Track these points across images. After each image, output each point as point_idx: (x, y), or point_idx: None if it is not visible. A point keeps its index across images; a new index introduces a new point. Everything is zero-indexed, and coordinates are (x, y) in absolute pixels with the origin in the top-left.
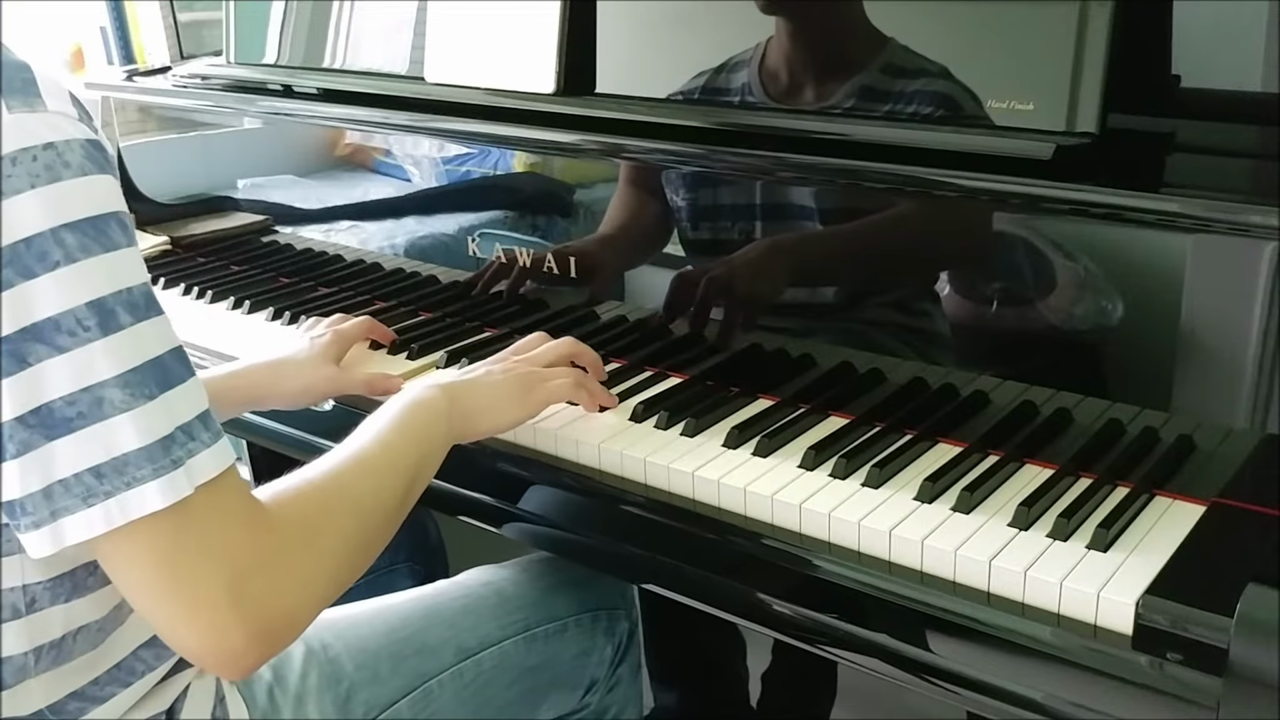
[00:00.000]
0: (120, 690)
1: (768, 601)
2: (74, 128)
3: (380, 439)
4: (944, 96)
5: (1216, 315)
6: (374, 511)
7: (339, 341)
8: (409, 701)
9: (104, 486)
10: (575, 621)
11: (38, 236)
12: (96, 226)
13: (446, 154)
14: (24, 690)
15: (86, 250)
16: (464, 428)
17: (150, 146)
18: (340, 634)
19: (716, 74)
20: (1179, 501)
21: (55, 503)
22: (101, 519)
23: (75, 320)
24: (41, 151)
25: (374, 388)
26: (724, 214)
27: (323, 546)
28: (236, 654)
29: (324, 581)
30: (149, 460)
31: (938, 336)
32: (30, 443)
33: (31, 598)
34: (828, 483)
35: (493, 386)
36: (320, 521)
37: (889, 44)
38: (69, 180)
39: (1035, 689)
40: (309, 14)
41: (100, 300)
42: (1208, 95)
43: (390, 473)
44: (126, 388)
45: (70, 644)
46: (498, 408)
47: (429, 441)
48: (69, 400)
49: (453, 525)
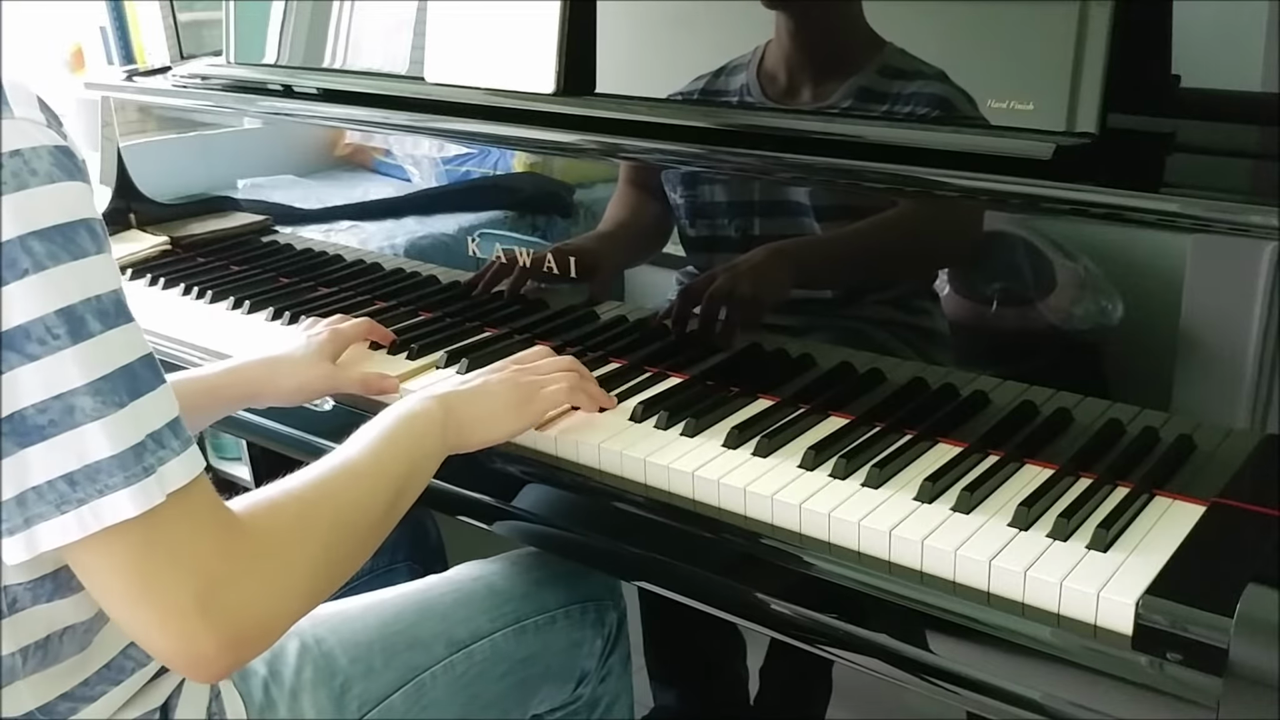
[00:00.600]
0: (111, 689)
1: (768, 601)
2: (41, 134)
3: (370, 448)
4: (940, 98)
5: (1216, 315)
6: (356, 522)
7: (336, 340)
8: (402, 695)
9: (77, 494)
10: (565, 613)
11: (6, 244)
12: (65, 234)
13: (446, 154)
14: (14, 692)
15: (55, 258)
16: (459, 439)
17: (150, 146)
18: (334, 629)
19: (715, 77)
20: (1179, 501)
21: (29, 509)
22: (75, 525)
23: (45, 328)
24: (8, 159)
25: (370, 387)
26: (723, 212)
27: (298, 555)
28: (207, 659)
29: (299, 590)
30: (121, 468)
31: (938, 336)
32: (3, 450)
33: (13, 598)
34: (828, 483)
35: (490, 397)
36: (296, 531)
37: (886, 47)
38: (36, 188)
39: (1035, 689)
40: (309, 14)
41: (70, 308)
42: (1208, 95)
43: (377, 482)
44: (97, 395)
45: (57, 645)
46: (494, 418)
47: (420, 452)
48: (40, 408)
49: (452, 524)
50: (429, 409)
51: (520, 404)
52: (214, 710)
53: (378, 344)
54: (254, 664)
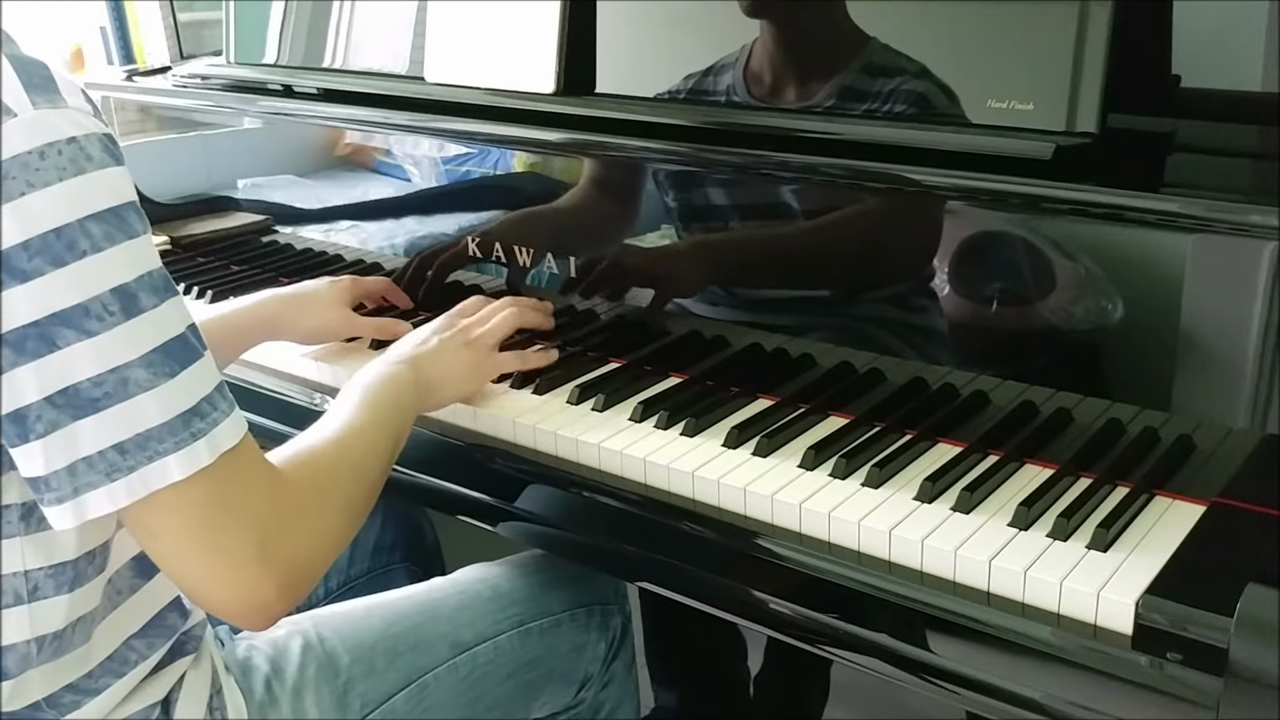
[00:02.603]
0: (114, 681)
1: (767, 601)
2: (91, 123)
3: (365, 409)
4: (920, 94)
5: (1216, 315)
6: (370, 471)
7: (356, 288)
8: (405, 696)
9: (127, 462)
10: (570, 616)
11: (66, 227)
12: (118, 215)
13: (446, 154)
14: (25, 681)
15: (111, 239)
16: (428, 398)
17: (150, 146)
18: (337, 629)
19: (704, 76)
20: (1179, 501)
21: (79, 479)
22: (124, 492)
23: (102, 305)
24: (65, 146)
25: (384, 330)
26: (717, 213)
27: (331, 504)
28: (267, 605)
29: (335, 534)
30: (170, 434)
31: (938, 336)
32: (57, 422)
33: (34, 585)
34: (828, 483)
35: (450, 358)
36: (328, 482)
37: (870, 43)
38: (92, 173)
39: (1035, 689)
40: (309, 14)
41: (123, 286)
42: (1208, 95)
43: (378, 438)
44: (150, 367)
45: (70, 635)
46: (455, 379)
47: (403, 409)
48: (95, 381)
49: (449, 525)
50: (400, 372)
51: (475, 367)
52: (215, 706)
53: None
54: (256, 660)
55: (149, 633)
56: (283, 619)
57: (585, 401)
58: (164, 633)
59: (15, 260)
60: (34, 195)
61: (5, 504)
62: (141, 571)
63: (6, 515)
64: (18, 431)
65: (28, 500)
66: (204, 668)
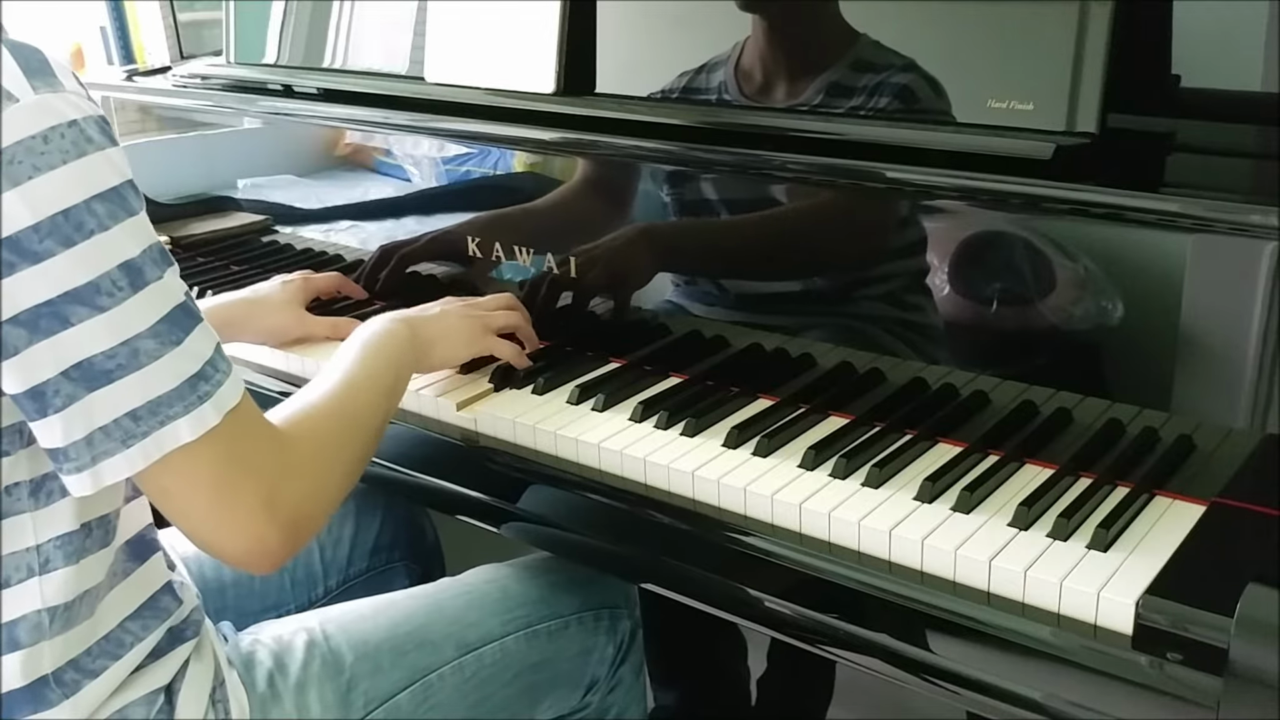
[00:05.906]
0: (111, 664)
1: (768, 601)
2: (88, 105)
3: (360, 365)
4: (906, 88)
5: (1216, 315)
6: (367, 426)
7: (308, 288)
8: (409, 695)
9: (140, 428)
10: (577, 619)
11: (74, 208)
12: (119, 194)
13: (446, 154)
14: (38, 652)
15: (114, 217)
16: (423, 357)
17: (150, 146)
18: (343, 626)
19: (697, 74)
20: (1179, 501)
21: (96, 448)
22: (140, 457)
23: (111, 281)
24: (68, 129)
25: (339, 330)
26: (710, 209)
27: (330, 456)
28: (272, 551)
29: (335, 485)
30: (180, 399)
31: (938, 336)
32: (74, 395)
33: (45, 558)
34: (828, 483)
35: (446, 321)
36: (327, 436)
37: (859, 40)
38: (94, 154)
39: (1035, 689)
40: (309, 14)
41: (130, 261)
42: (1208, 95)
43: (374, 393)
44: (157, 337)
45: (78, 607)
46: (450, 342)
47: (400, 365)
48: (109, 354)
49: (449, 525)
50: (398, 329)
51: (471, 336)
52: (218, 699)
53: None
54: (260, 655)
55: (144, 614)
56: (288, 616)
57: (585, 401)
58: (158, 614)
59: (26, 243)
60: (41, 178)
61: (14, 481)
62: (135, 554)
63: (15, 493)
64: (36, 407)
65: (35, 476)
66: (207, 661)
